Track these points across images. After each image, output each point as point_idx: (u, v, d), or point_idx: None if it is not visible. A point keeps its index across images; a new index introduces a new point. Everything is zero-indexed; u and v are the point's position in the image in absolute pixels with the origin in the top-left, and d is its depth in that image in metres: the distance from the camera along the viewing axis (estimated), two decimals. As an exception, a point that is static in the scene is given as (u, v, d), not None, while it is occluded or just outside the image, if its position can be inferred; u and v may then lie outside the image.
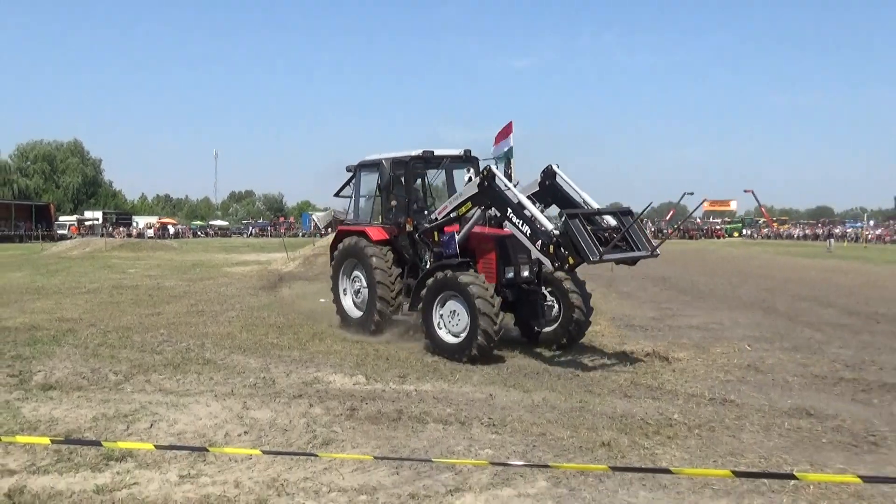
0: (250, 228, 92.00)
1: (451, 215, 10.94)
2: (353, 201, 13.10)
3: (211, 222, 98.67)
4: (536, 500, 5.08)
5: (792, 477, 5.13)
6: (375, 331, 11.71)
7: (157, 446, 5.80)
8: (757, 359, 10.53)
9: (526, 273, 10.82)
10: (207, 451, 5.90)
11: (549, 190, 10.70)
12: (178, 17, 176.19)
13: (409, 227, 11.55)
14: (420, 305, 10.51)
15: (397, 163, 11.75)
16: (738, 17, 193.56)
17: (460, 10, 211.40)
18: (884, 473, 5.76)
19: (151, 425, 6.92)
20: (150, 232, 77.88)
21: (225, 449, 6.04)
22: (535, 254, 9.57)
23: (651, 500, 5.11)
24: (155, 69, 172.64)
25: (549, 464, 5.60)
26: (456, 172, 12.69)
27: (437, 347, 10.26)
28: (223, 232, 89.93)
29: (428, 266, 11.08)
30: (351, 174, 13.07)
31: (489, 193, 10.19)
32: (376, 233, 11.95)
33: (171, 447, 6.08)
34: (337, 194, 13.81)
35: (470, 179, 11.39)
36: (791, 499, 5.14)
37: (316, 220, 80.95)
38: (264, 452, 5.89)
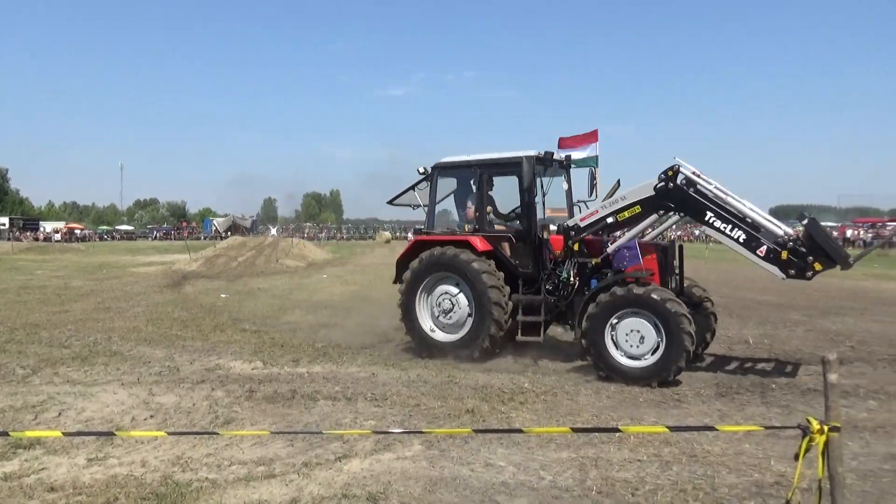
0: (155, 232, 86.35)
1: (608, 221, 8.29)
2: (429, 208, 9.82)
3: (117, 227, 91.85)
4: (413, 462, 5.06)
5: (617, 430, 5.42)
6: (487, 351, 8.76)
7: (65, 433, 5.31)
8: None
9: (673, 285, 8.58)
10: (114, 435, 5.49)
11: None
12: (81, 34, 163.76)
13: (545, 235, 8.92)
14: (586, 324, 7.79)
15: (509, 164, 8.93)
16: (573, 64, 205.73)
17: (347, 46, 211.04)
18: (685, 424, 6.18)
19: (60, 414, 6.33)
20: (58, 236, 71.49)
21: (132, 432, 5.62)
22: (755, 261, 7.52)
23: (507, 455, 5.21)
24: (60, 83, 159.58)
25: (423, 430, 5.60)
26: (502, 180, 9.60)
27: (609, 371, 7.63)
28: (129, 236, 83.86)
29: (570, 279, 8.53)
30: (422, 176, 9.90)
31: (676, 196, 7.83)
32: (481, 243, 8.90)
33: (79, 433, 5.60)
34: (392, 202, 10.56)
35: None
36: (616, 447, 5.38)
37: (216, 224, 77.75)
38: (169, 433, 5.54)
